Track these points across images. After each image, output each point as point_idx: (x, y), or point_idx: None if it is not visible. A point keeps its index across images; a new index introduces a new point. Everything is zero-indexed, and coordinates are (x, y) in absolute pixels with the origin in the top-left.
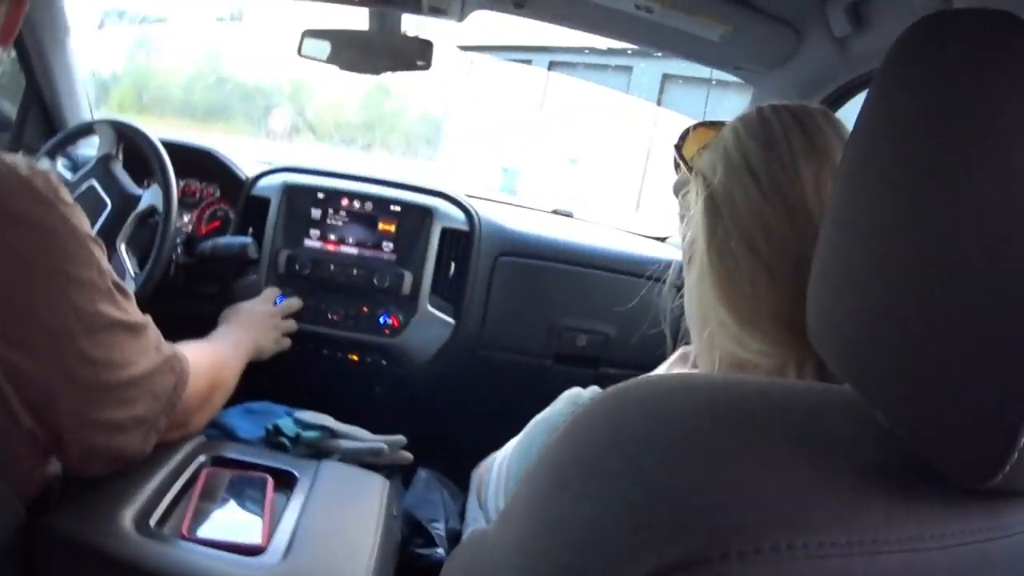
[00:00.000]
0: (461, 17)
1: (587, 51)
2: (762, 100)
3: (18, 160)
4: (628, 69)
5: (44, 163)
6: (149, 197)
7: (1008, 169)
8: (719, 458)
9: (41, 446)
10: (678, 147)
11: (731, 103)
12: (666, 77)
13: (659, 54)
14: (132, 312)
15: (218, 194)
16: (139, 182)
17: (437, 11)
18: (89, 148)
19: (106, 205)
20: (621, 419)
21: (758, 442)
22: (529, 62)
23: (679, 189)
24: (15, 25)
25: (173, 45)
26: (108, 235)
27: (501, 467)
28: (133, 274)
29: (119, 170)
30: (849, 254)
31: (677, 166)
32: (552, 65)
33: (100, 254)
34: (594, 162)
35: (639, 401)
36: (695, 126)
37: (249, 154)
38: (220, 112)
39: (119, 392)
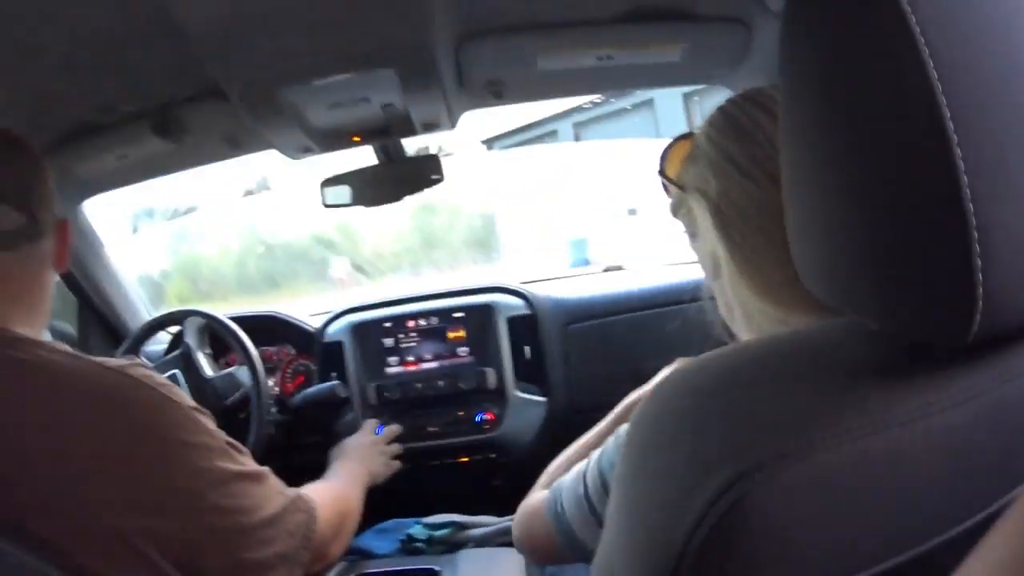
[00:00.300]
0: (452, 125)
1: (605, 100)
2: None
3: (107, 359)
4: (650, 103)
5: None
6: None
7: (892, 105)
8: (752, 400)
9: None
10: (662, 171)
11: None
12: (686, 97)
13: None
14: (250, 464)
15: (293, 352)
16: (217, 361)
17: (430, 127)
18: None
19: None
20: (666, 399)
21: (780, 379)
22: (555, 132)
23: (677, 210)
24: (65, 250)
25: (211, 229)
26: None
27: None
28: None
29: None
30: (808, 203)
31: (667, 189)
32: (577, 126)
33: (207, 420)
34: (652, 207)
35: (679, 382)
36: (668, 147)
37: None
38: (279, 279)
39: (257, 533)
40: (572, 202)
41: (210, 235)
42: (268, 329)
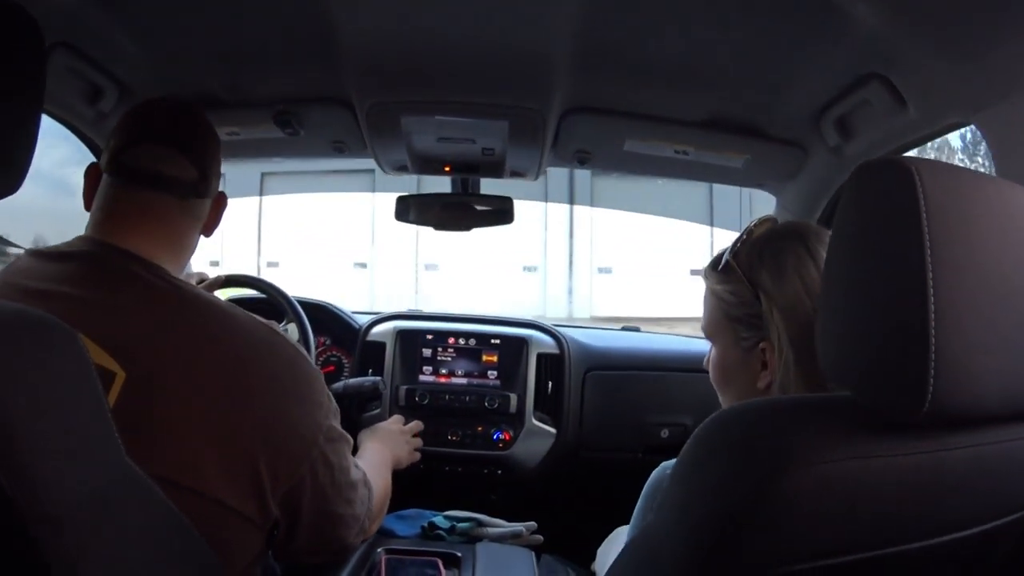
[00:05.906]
0: (536, 176)
1: None
2: (786, 206)
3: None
4: None
5: None
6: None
7: (898, 262)
8: (782, 427)
9: (276, 539)
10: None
11: None
12: None
13: None
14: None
15: (329, 342)
16: None
17: (516, 174)
18: None
19: None
20: (725, 420)
21: (801, 419)
22: None
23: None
24: (217, 219)
25: None
26: None
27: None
28: None
29: None
30: (831, 312)
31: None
32: None
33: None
34: None
35: (736, 409)
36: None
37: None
38: None
39: (344, 492)
40: None
41: None
42: (313, 316)
